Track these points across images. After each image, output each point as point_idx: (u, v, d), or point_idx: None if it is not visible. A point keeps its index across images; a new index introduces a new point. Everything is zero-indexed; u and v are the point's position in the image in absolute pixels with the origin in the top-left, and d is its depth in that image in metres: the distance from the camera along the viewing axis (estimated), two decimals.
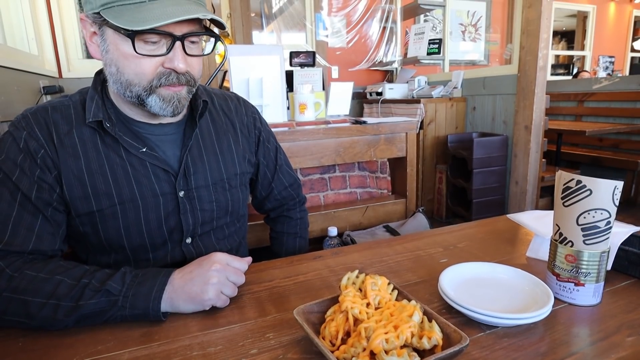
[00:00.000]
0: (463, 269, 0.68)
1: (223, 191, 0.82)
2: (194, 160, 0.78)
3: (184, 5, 0.61)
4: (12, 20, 1.90)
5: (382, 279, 0.57)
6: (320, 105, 1.77)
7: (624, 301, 0.62)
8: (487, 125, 2.88)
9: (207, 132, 0.82)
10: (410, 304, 0.52)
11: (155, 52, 0.63)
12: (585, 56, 5.81)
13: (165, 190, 0.75)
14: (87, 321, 0.58)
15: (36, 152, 0.66)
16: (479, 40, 4.69)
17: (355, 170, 1.77)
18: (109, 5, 0.60)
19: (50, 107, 0.70)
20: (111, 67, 0.66)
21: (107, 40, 0.64)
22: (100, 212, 0.71)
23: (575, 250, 0.60)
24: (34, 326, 0.57)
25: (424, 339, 0.47)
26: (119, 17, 0.59)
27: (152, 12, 0.59)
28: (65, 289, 0.58)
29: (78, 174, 0.69)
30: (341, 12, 3.98)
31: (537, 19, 2.30)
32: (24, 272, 0.59)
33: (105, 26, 0.63)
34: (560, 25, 6.31)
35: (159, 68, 0.65)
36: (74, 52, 2.29)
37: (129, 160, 0.72)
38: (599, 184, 0.57)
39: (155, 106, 0.67)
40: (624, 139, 3.21)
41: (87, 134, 0.70)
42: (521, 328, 0.55)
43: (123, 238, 0.74)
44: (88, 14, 0.64)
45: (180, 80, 0.66)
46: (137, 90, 0.66)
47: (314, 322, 0.54)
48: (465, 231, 0.95)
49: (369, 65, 4.15)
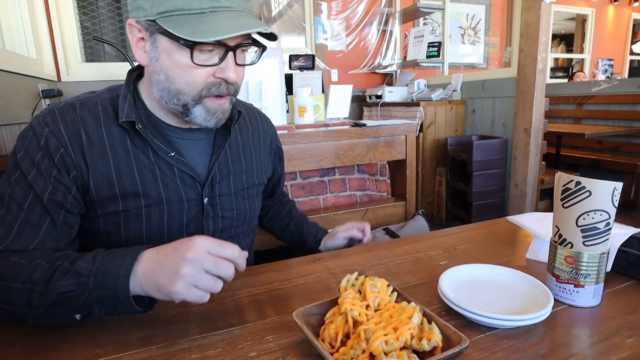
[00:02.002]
0: (463, 270, 0.68)
1: (243, 200, 0.83)
2: (220, 167, 0.79)
3: (244, 19, 0.61)
4: (11, 24, 1.90)
5: (382, 280, 0.57)
6: (319, 108, 1.77)
7: (624, 302, 0.62)
8: (486, 128, 2.89)
9: (234, 140, 0.83)
10: (409, 305, 0.52)
11: (208, 62, 0.63)
12: (585, 59, 5.82)
13: (191, 196, 0.75)
14: (64, 307, 0.55)
15: (55, 151, 0.65)
16: (478, 43, 4.70)
17: (355, 173, 1.77)
18: (168, 14, 0.59)
19: (78, 104, 0.69)
20: (159, 75, 0.65)
21: (158, 48, 0.63)
22: (125, 212, 0.71)
23: (575, 251, 0.60)
24: (19, 314, 0.56)
25: (424, 340, 0.47)
26: (179, 27, 0.58)
27: (214, 24, 0.58)
28: (40, 273, 0.56)
29: (107, 173, 0.68)
30: (340, 15, 4.00)
31: (536, 22, 2.31)
32: (10, 260, 0.58)
33: (158, 34, 0.62)
34: (560, 28, 6.33)
35: (210, 78, 0.65)
36: (72, 56, 2.29)
37: (157, 163, 0.71)
38: (598, 185, 0.57)
39: (199, 117, 0.67)
40: (623, 141, 3.21)
41: (117, 134, 0.69)
42: (521, 330, 0.55)
43: (144, 240, 0.73)
44: (140, 20, 0.63)
45: (229, 90, 0.67)
46: (185, 100, 0.65)
47: (314, 324, 0.54)
48: (465, 233, 0.95)
49: (368, 69, 4.16)
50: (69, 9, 2.23)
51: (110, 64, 2.43)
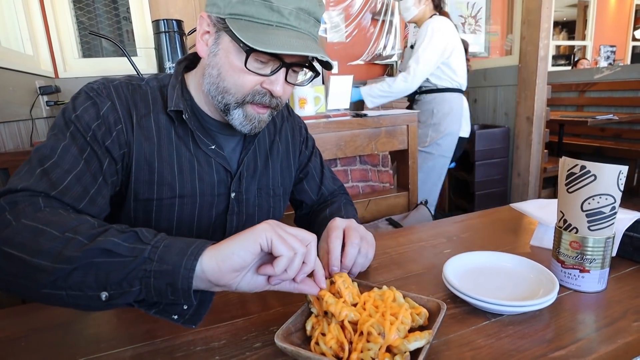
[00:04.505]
0: (467, 258, 0.67)
1: (267, 197, 0.84)
2: (249, 163, 0.79)
3: (306, 41, 0.62)
4: (6, 20, 1.89)
5: (343, 275, 0.56)
6: (320, 99, 1.76)
7: (629, 287, 0.62)
8: (488, 117, 2.87)
9: (262, 137, 0.83)
10: (384, 289, 0.54)
11: (260, 71, 0.64)
12: (586, 46, 5.77)
13: (221, 191, 0.76)
14: (98, 274, 0.45)
15: (115, 124, 0.65)
16: (479, 32, 4.66)
17: (357, 164, 1.77)
18: (237, 17, 0.61)
19: (131, 88, 0.70)
20: (213, 70, 0.67)
21: (219, 44, 0.65)
22: (158, 201, 0.71)
23: (580, 236, 0.59)
24: (34, 268, 0.45)
25: (414, 316, 0.49)
26: (244, 31, 0.59)
27: (276, 37, 0.59)
28: (87, 227, 0.49)
29: (149, 157, 0.69)
30: (339, 5, 3.96)
31: (537, 9, 2.28)
32: (55, 210, 0.53)
33: (224, 32, 0.64)
34: (561, 16, 6.26)
35: (257, 86, 0.66)
36: (69, 52, 2.28)
37: (197, 154, 0.73)
38: (603, 169, 0.56)
39: (236, 120, 0.68)
40: (626, 128, 3.19)
41: (163, 121, 0.71)
42: (526, 315, 0.55)
43: (173, 230, 0.74)
44: (211, 15, 0.65)
45: (271, 102, 0.68)
46: (229, 100, 0.67)
47: (298, 343, 0.50)
48: (469, 222, 0.94)
49: (368, 59, 4.13)
50: (64, 4, 2.21)
51: (108, 59, 2.42)
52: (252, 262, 0.48)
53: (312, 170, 0.94)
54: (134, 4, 2.34)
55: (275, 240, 0.46)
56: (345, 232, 0.66)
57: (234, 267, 0.46)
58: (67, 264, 0.44)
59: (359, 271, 0.67)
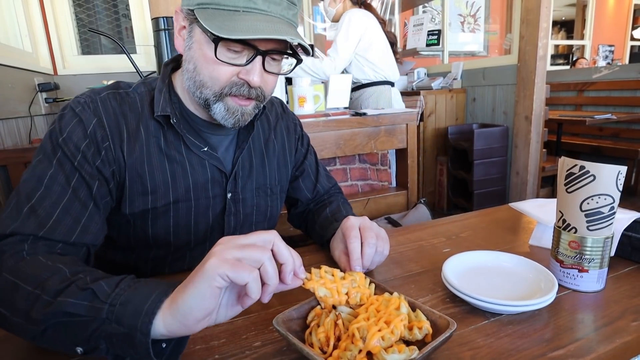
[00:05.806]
0: (466, 257, 0.67)
1: (264, 196, 0.83)
2: (244, 162, 0.78)
3: (276, 24, 0.59)
4: (5, 17, 1.88)
5: (359, 274, 0.56)
6: (319, 98, 1.76)
7: (628, 287, 0.62)
8: (487, 116, 2.87)
9: (257, 135, 0.82)
10: (393, 296, 0.52)
11: (234, 61, 0.62)
12: (585, 45, 5.77)
13: (217, 192, 0.75)
14: (66, 333, 0.45)
15: (102, 142, 0.64)
16: (478, 31, 4.65)
17: (356, 162, 1.77)
18: (204, 6, 0.59)
19: (119, 98, 0.69)
20: (189, 64, 0.65)
21: (193, 37, 0.64)
22: (154, 210, 0.70)
23: (579, 236, 0.60)
24: (14, 325, 0.47)
25: (415, 329, 0.47)
26: (210, 20, 0.58)
27: (242, 23, 0.57)
28: (56, 280, 0.47)
29: (140, 169, 0.68)
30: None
31: (536, 8, 2.28)
32: (36, 257, 0.52)
33: (195, 24, 0.62)
34: (560, 15, 6.27)
35: (234, 77, 0.63)
36: (68, 49, 2.27)
37: (189, 158, 0.71)
38: (602, 169, 0.56)
39: (218, 114, 0.66)
40: (624, 128, 3.20)
41: (152, 128, 0.69)
42: (525, 315, 0.55)
43: (171, 235, 0.73)
44: (183, 9, 0.64)
45: (250, 94, 0.65)
46: (207, 94, 0.65)
47: (296, 329, 0.51)
48: (468, 221, 0.95)
49: None
50: (63, 1, 2.20)
51: (107, 57, 2.41)
52: (218, 303, 0.44)
53: (308, 168, 0.93)
54: (134, 1, 2.33)
55: (231, 273, 0.42)
56: (361, 231, 0.66)
57: (198, 319, 0.43)
58: (36, 326, 0.45)
59: (375, 267, 0.69)
